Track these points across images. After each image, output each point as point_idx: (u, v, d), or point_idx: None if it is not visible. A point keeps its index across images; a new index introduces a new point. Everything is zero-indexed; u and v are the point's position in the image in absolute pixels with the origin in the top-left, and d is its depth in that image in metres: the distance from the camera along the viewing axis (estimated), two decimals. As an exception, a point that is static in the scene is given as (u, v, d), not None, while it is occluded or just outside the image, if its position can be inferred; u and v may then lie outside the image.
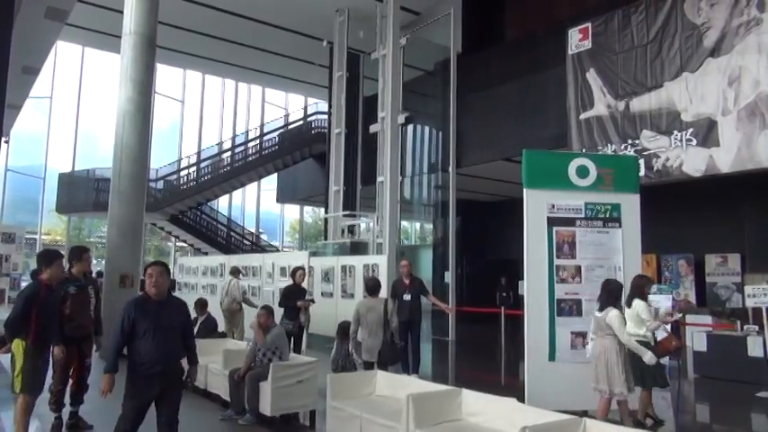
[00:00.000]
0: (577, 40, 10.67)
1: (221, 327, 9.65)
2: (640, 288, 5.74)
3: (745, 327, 8.40)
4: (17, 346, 4.45)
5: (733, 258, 12.42)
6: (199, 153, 22.93)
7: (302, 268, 9.08)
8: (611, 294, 5.16)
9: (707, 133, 8.70)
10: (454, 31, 13.77)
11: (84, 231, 27.89)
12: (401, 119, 13.77)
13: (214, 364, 6.67)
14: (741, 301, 10.42)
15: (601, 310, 5.14)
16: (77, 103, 21.55)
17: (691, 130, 8.88)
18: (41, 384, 4.64)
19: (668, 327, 6.17)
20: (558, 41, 10.94)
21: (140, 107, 10.03)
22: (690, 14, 9.06)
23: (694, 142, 8.83)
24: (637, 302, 5.71)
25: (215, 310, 9.76)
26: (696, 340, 8.71)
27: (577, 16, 11.14)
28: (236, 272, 10.54)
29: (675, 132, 9.07)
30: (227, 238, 22.16)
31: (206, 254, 20.13)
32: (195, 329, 8.30)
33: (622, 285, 5.41)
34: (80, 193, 20.19)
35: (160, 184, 20.80)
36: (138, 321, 3.80)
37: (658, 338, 5.87)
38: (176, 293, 15.36)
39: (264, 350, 5.89)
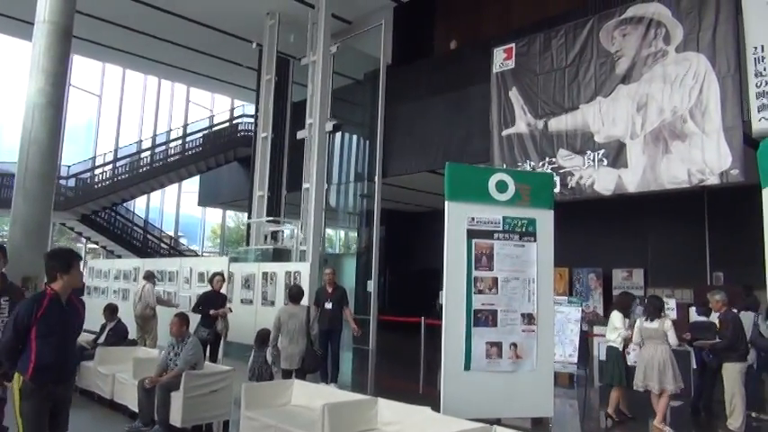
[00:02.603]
0: (502, 59, 11.06)
1: (132, 334, 9.22)
2: (622, 304, 6.91)
3: (646, 338, 8.95)
4: (15, 382, 3.45)
5: (637, 273, 13.23)
6: (116, 151, 21.91)
7: (221, 274, 8.85)
8: (656, 308, 6.32)
9: (617, 155, 9.23)
10: (384, 42, 13.94)
11: (-17, 229, 25.89)
12: (329, 126, 13.75)
13: (122, 374, 6.37)
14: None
15: (649, 320, 6.27)
16: (-19, 91, 20.10)
17: (602, 151, 9.39)
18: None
19: None
20: (484, 59, 11.30)
21: (52, 100, 9.42)
22: (604, 43, 9.61)
23: (605, 162, 9.34)
24: (614, 313, 6.82)
25: (127, 316, 9.32)
26: (602, 350, 9.16)
27: (502, 36, 11.56)
28: (150, 276, 10.12)
29: (589, 152, 9.56)
30: (143, 241, 21.24)
31: (119, 256, 19.21)
32: (103, 336, 7.92)
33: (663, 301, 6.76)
34: (-20, 188, 18.77)
35: (71, 182, 19.68)
36: None
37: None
38: (85, 298, 14.64)
39: (183, 366, 5.66)
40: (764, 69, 7.63)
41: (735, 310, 6.85)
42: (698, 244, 12.55)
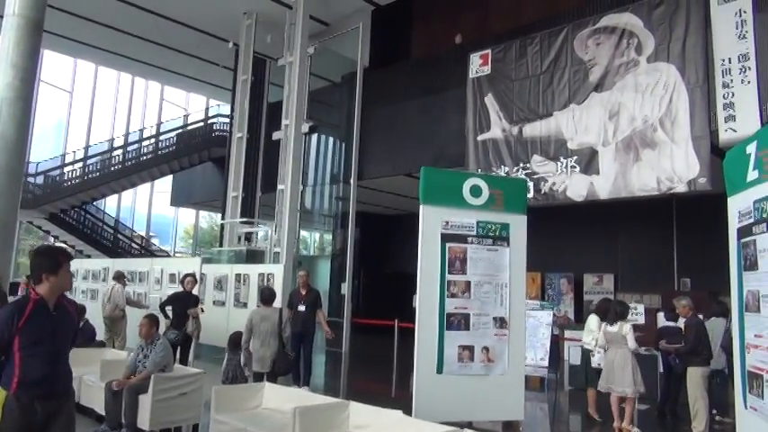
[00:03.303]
0: (478, 64, 11.16)
1: (101, 335, 9.06)
2: (602, 309, 7.04)
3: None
4: None
5: (608, 278, 13.45)
6: (86, 149, 21.49)
7: (192, 275, 8.74)
8: (617, 313, 6.48)
9: (589, 161, 9.38)
10: (362, 44, 13.95)
11: (-54, 226, 25.14)
12: (305, 128, 13.69)
13: (89, 376, 6.24)
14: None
15: (610, 324, 6.43)
16: (-54, 84, 19.51)
17: (575, 157, 9.54)
18: None
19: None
20: (461, 64, 11.39)
21: (21, 95, 9.18)
22: (578, 51, 9.77)
23: (578, 169, 9.48)
24: (592, 317, 7.12)
25: (95, 317, 9.15)
26: (572, 354, 9.29)
27: (479, 42, 11.67)
28: (120, 277, 9.95)
29: (562, 159, 9.69)
30: (113, 241, 20.86)
31: (89, 256, 18.83)
32: (70, 338, 7.75)
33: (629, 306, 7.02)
34: (-57, 184, 18.20)
35: (40, 180, 19.24)
36: None
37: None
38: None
39: (152, 368, 5.57)
40: (731, 81, 7.85)
41: (700, 316, 7.00)
42: (666, 250, 12.82)
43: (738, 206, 3.51)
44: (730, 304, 3.69)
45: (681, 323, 7.16)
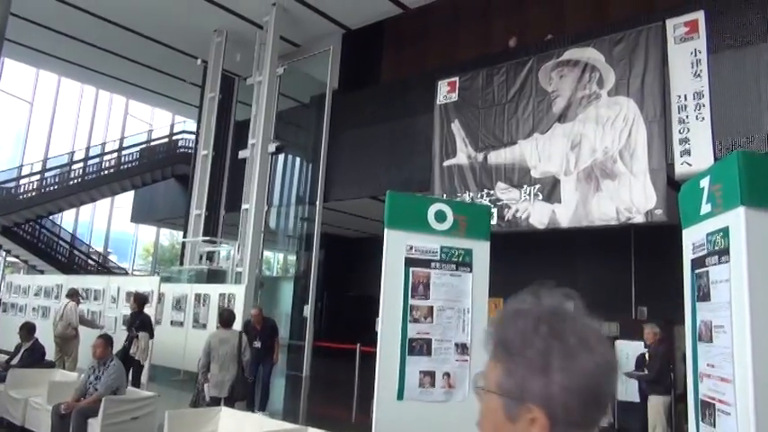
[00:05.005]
0: (445, 91, 11.32)
1: (51, 355, 8.70)
2: None
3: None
4: None
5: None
6: (45, 161, 20.91)
7: (135, 294, 8.61)
8: None
9: (551, 190, 9.55)
10: (332, 67, 14.03)
11: None
12: (272, 147, 13.62)
13: (36, 398, 5.97)
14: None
15: None
16: None
17: (538, 185, 9.70)
18: None
19: None
20: (429, 90, 11.54)
21: (-23, 104, 8.96)
22: (543, 82, 10.02)
23: (540, 197, 9.64)
24: None
25: (46, 336, 8.80)
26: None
27: (447, 69, 11.86)
28: (74, 294, 9.62)
29: (525, 186, 9.85)
30: (69, 257, 20.22)
31: (42, 272, 18.20)
32: (18, 357, 7.44)
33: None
34: None
35: (-7, 191, 18.63)
36: None
37: None
38: (1, 315, 13.78)
39: (103, 391, 5.37)
40: (687, 117, 8.15)
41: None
42: (624, 279, 13.09)
43: (692, 238, 3.60)
44: (683, 333, 3.77)
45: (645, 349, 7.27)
